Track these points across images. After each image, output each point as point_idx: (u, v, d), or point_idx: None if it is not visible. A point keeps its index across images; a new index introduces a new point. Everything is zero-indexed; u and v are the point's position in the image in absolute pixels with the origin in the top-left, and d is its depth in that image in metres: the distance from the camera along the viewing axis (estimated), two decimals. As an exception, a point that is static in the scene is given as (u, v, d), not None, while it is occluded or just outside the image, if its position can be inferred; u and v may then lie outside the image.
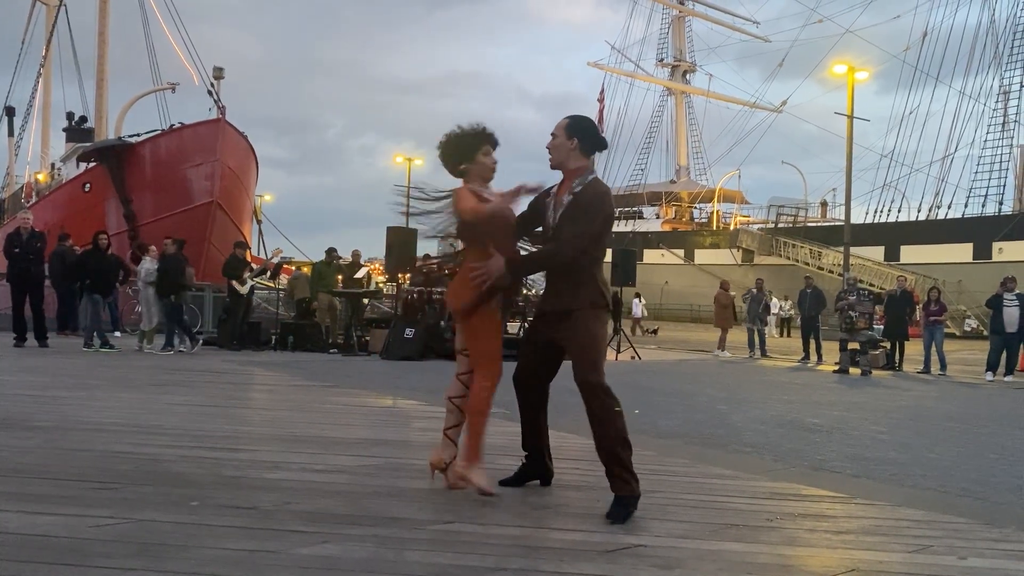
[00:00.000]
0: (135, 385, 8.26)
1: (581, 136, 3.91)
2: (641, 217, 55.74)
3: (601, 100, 61.03)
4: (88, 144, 27.92)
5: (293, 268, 18.61)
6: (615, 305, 20.18)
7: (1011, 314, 14.26)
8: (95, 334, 12.70)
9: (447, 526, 3.42)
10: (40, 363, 10.29)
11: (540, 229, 4.05)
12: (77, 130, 33.89)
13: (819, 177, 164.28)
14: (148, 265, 13.13)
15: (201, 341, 13.00)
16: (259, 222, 29.74)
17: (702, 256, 51.04)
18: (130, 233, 22.50)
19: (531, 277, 5.06)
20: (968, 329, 35.49)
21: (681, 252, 52.24)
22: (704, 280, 44.25)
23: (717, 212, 56.31)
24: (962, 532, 3.69)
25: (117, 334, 14.42)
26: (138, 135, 25.06)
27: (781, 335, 32.75)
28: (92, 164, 25.35)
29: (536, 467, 4.14)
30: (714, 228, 54.63)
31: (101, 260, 13.15)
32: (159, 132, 25.06)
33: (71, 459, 4.48)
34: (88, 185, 25.19)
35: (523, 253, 4.09)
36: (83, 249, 14.12)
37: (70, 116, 35.57)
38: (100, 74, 31.29)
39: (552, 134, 3.97)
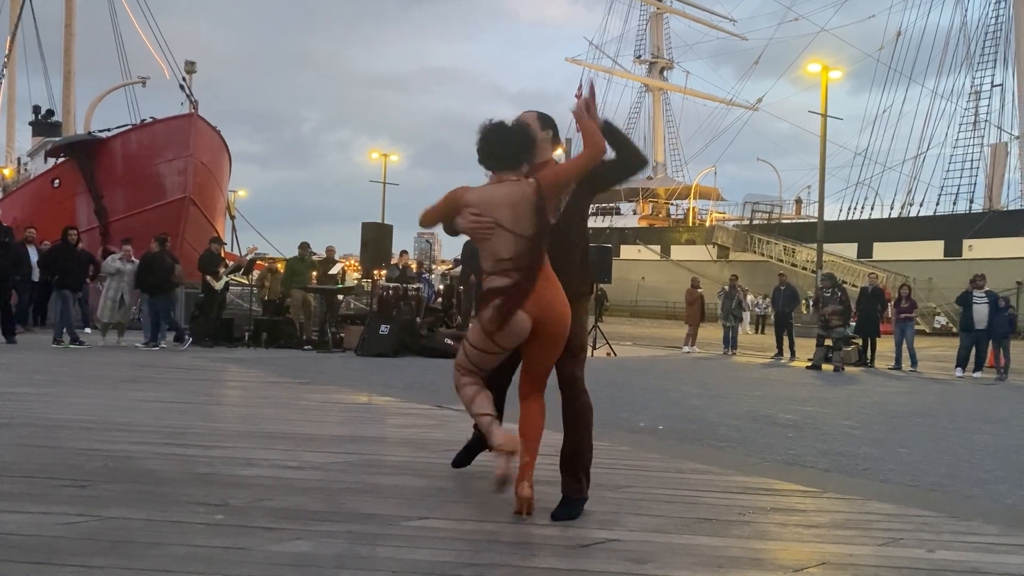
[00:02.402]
0: (105, 382, 8.15)
1: (554, 128, 3.87)
2: (618, 213, 55.89)
3: (579, 96, 61.05)
4: (57, 139, 27.44)
5: (265, 264, 18.40)
6: (597, 299, 20.18)
7: (980, 311, 14.45)
8: (64, 330, 12.53)
9: (421, 522, 3.41)
10: (8, 359, 10.13)
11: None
12: (44, 124, 33.33)
13: (793, 174, 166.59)
14: (112, 261, 13.19)
15: (190, 340, 13.29)
16: (232, 218, 29.42)
17: (678, 252, 51.28)
18: (101, 229, 22.17)
19: None
20: (938, 326, 35.94)
21: (657, 248, 52.46)
22: (680, 276, 44.38)
23: (693, 208, 56.62)
24: (931, 525, 3.74)
25: (88, 330, 14.23)
26: (108, 130, 24.66)
27: (756, 332, 32.99)
28: (61, 159, 24.93)
29: (483, 444, 3.99)
30: (690, 224, 54.92)
31: (71, 255, 12.98)
32: (130, 127, 24.71)
33: (39, 456, 4.41)
34: (57, 181, 24.76)
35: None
36: (52, 244, 13.91)
37: (36, 110, 34.97)
38: (67, 67, 30.78)
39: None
